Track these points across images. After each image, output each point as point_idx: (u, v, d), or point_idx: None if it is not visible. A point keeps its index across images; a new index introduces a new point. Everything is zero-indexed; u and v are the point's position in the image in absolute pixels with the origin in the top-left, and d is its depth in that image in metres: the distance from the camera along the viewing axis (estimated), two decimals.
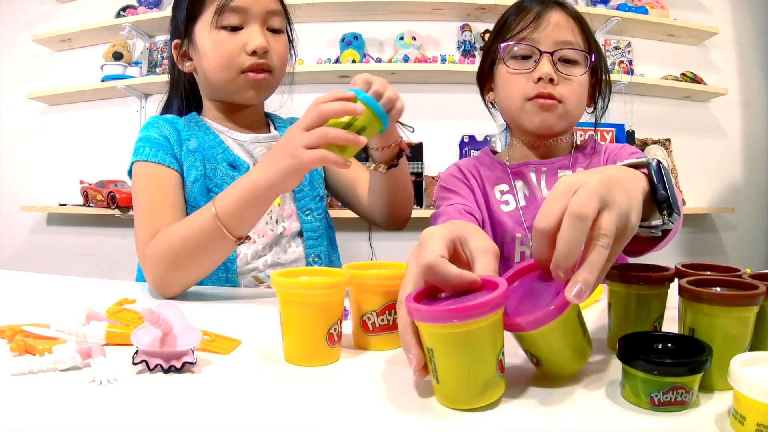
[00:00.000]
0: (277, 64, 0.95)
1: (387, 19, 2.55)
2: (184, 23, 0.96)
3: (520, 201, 0.95)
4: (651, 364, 0.40)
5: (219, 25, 0.91)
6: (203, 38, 0.93)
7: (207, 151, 0.95)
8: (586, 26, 0.94)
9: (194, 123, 1.00)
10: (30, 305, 0.75)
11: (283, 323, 0.52)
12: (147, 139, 0.93)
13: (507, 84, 0.93)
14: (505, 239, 0.93)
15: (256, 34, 0.91)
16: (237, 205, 0.75)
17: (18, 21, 2.82)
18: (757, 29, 2.75)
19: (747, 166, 2.72)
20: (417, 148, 2.46)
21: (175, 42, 0.99)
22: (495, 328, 0.41)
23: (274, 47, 0.94)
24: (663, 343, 0.45)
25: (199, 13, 0.93)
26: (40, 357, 0.47)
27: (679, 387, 0.40)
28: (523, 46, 0.90)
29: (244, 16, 0.91)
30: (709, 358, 0.40)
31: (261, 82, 0.94)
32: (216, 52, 0.92)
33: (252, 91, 0.95)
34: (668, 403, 0.40)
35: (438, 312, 0.39)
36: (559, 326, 0.43)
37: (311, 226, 1.01)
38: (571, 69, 0.90)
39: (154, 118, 1.00)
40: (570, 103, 0.90)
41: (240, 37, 0.91)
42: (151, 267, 0.81)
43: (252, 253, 0.94)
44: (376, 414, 0.41)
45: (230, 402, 0.42)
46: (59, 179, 2.72)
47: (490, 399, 0.41)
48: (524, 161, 0.97)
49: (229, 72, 0.92)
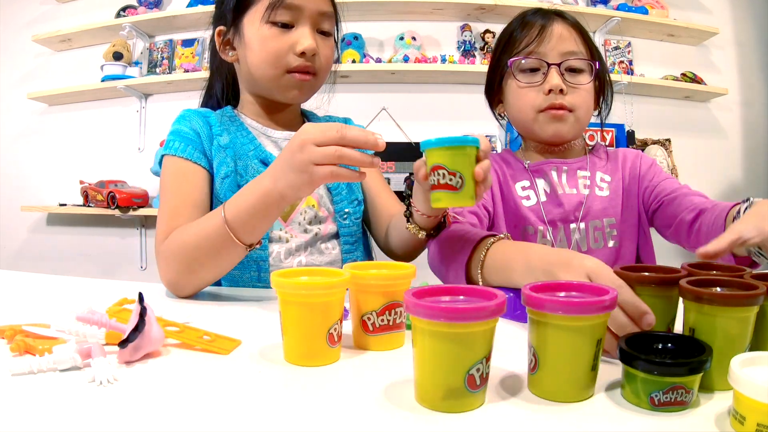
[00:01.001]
0: (323, 67, 0.94)
1: (387, 19, 2.55)
2: (232, 12, 0.93)
3: (541, 197, 0.98)
4: (651, 364, 0.40)
5: (270, 20, 0.89)
6: (251, 31, 0.91)
7: (239, 148, 0.94)
8: (587, 34, 0.98)
9: (228, 118, 0.98)
10: (30, 305, 0.75)
11: (283, 323, 0.52)
12: (178, 133, 0.93)
13: (518, 98, 0.96)
14: (527, 232, 0.97)
15: (307, 36, 0.89)
16: (247, 213, 0.73)
17: (18, 21, 2.82)
18: (757, 29, 2.75)
19: (747, 166, 2.72)
20: (417, 147, 2.46)
21: (219, 29, 0.96)
22: (464, 341, 0.40)
23: (322, 50, 0.93)
24: (663, 344, 0.45)
25: (250, 4, 0.91)
26: (40, 357, 0.47)
27: (679, 387, 0.40)
28: (531, 60, 0.94)
29: (296, 15, 0.90)
30: (709, 358, 0.40)
31: (306, 83, 0.93)
32: (263, 47, 0.90)
33: (296, 91, 0.94)
34: (668, 403, 0.40)
35: (428, 308, 0.40)
36: (581, 329, 0.42)
37: (348, 230, 0.99)
38: (577, 78, 0.94)
39: (187, 111, 0.98)
40: (580, 111, 0.94)
41: (290, 36, 0.90)
42: (164, 266, 0.80)
43: (285, 252, 0.93)
44: (376, 414, 0.41)
45: (230, 402, 0.42)
46: (59, 179, 2.72)
47: (453, 409, 0.41)
48: (544, 160, 1.01)
49: (274, 69, 0.91)
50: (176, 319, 0.58)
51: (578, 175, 0.99)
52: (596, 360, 0.43)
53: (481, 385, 0.41)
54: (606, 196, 0.98)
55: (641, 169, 1.01)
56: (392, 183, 2.41)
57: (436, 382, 0.41)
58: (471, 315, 0.39)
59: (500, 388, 0.46)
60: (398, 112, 2.50)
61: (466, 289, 0.46)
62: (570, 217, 0.96)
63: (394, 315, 0.56)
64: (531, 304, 0.44)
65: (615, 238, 0.96)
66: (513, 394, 0.44)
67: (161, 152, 0.93)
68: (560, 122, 0.93)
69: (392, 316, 0.56)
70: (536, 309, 0.43)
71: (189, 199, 0.87)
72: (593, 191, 0.98)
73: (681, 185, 0.96)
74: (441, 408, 0.41)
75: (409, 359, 0.44)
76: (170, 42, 2.65)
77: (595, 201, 0.97)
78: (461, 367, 0.40)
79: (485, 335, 0.41)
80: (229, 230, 0.73)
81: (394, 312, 0.56)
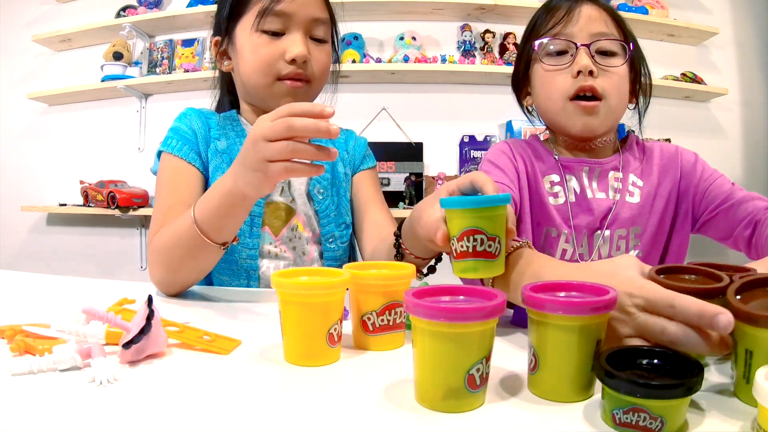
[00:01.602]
0: (316, 74, 0.92)
1: (387, 19, 2.55)
2: (225, 21, 0.93)
3: (570, 196, 0.90)
4: (608, 376, 0.37)
5: (260, 28, 0.88)
6: (243, 39, 0.90)
7: (235, 153, 0.92)
8: (620, 18, 0.91)
9: (230, 121, 0.98)
10: (30, 305, 0.75)
11: (283, 323, 0.52)
12: (176, 131, 0.93)
13: (545, 83, 0.90)
14: (549, 234, 0.90)
15: (297, 42, 0.88)
16: (214, 213, 0.72)
17: (18, 21, 2.82)
18: (757, 29, 2.75)
19: (747, 166, 2.72)
20: (417, 147, 2.46)
21: (215, 39, 0.96)
22: (464, 341, 0.40)
23: (316, 56, 0.91)
24: (665, 362, 0.41)
25: (242, 13, 0.90)
26: (40, 357, 0.47)
27: (641, 410, 0.36)
28: (558, 41, 0.87)
29: (287, 22, 0.88)
30: (680, 386, 0.36)
31: (299, 90, 0.90)
32: (254, 55, 0.89)
33: (288, 99, 0.89)
34: (629, 425, 0.37)
35: (428, 308, 0.40)
36: (581, 329, 0.42)
37: (333, 254, 0.97)
38: (609, 60, 0.87)
39: (189, 109, 0.98)
40: (612, 99, 0.86)
41: (280, 44, 0.88)
42: (151, 265, 0.81)
43: (274, 268, 0.93)
44: (376, 414, 0.41)
45: (230, 402, 0.42)
46: (59, 179, 2.72)
47: (453, 409, 0.41)
48: (576, 158, 0.93)
49: (265, 78, 0.89)
50: (176, 319, 0.58)
51: (609, 177, 0.91)
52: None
53: (481, 385, 0.41)
54: (636, 203, 0.90)
55: (683, 169, 0.93)
56: (392, 183, 2.41)
57: (436, 382, 0.41)
58: (471, 315, 0.40)
59: (500, 388, 0.46)
60: (398, 112, 2.50)
61: (466, 289, 0.46)
62: (596, 224, 0.89)
63: (394, 315, 0.56)
64: (531, 304, 0.44)
65: (639, 247, 0.90)
66: (513, 394, 0.44)
67: (159, 148, 0.93)
68: (590, 116, 0.86)
69: (392, 316, 0.56)
70: (536, 309, 0.43)
71: (180, 198, 0.87)
72: (623, 197, 0.90)
73: (732, 186, 0.90)
74: (441, 408, 0.41)
75: (409, 359, 0.44)
76: (170, 42, 2.65)
77: (624, 208, 0.90)
78: (461, 367, 0.40)
79: (485, 335, 0.41)
80: (198, 230, 0.73)
81: (394, 312, 0.56)
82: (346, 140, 1.07)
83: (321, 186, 0.98)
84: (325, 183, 0.98)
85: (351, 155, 1.06)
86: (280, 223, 0.94)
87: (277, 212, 0.95)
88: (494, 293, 0.43)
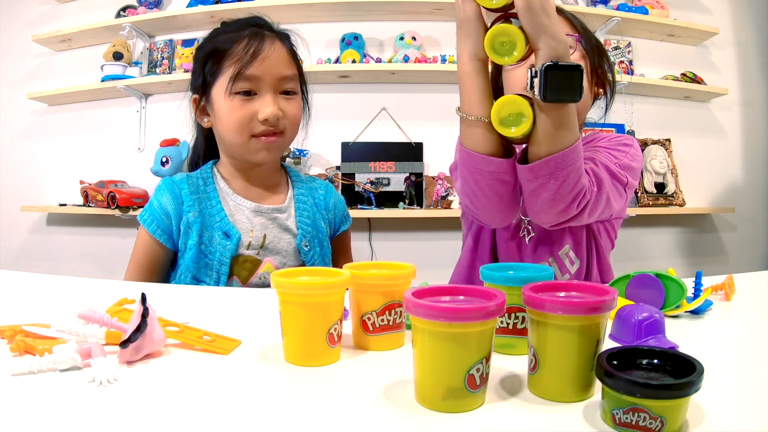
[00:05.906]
0: (288, 126, 1.00)
1: (387, 19, 2.55)
2: (201, 83, 1.00)
3: None
4: (608, 376, 0.37)
5: (233, 91, 0.95)
6: (219, 101, 0.97)
7: (207, 219, 0.99)
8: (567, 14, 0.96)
9: (203, 183, 1.03)
10: (30, 305, 0.75)
11: (283, 323, 0.52)
12: (151, 208, 1.01)
13: None
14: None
15: (268, 103, 0.96)
16: None
17: (18, 21, 2.81)
18: (757, 29, 2.75)
19: (747, 166, 2.72)
20: (417, 147, 2.46)
21: (193, 97, 1.04)
22: (464, 341, 0.40)
23: (287, 110, 0.99)
24: (665, 362, 0.40)
25: (217, 75, 0.97)
26: (40, 357, 0.47)
27: (640, 410, 0.36)
28: None
29: (257, 83, 0.96)
30: (680, 386, 0.36)
31: (273, 144, 0.99)
32: (230, 117, 0.96)
33: (264, 152, 0.99)
34: (629, 425, 0.37)
35: (428, 308, 0.40)
36: (581, 329, 0.42)
37: None
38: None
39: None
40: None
41: (253, 105, 0.96)
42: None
43: None
44: (376, 414, 0.41)
45: (230, 402, 0.42)
46: (59, 179, 2.72)
47: (453, 409, 0.41)
48: None
49: (241, 137, 0.97)
50: (176, 319, 0.58)
51: None
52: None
53: (481, 385, 0.41)
54: None
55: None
56: (392, 183, 2.41)
57: (436, 382, 0.41)
58: (471, 315, 0.39)
59: (500, 388, 0.46)
60: (398, 112, 2.50)
61: (466, 289, 0.46)
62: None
63: (394, 315, 0.56)
64: (531, 304, 0.44)
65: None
66: (513, 394, 0.44)
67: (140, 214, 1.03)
68: None
69: (392, 316, 0.56)
70: (536, 309, 0.43)
71: (147, 266, 1.01)
72: None
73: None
74: (441, 408, 0.41)
75: (409, 359, 0.44)
76: (170, 42, 2.65)
77: None
78: (461, 367, 0.40)
79: (485, 335, 0.41)
80: None
81: (394, 312, 0.56)
82: (326, 195, 1.12)
83: (306, 240, 1.04)
84: (309, 237, 1.04)
85: (332, 213, 1.12)
86: (246, 273, 1.00)
87: (244, 264, 0.99)
88: (494, 293, 0.43)
